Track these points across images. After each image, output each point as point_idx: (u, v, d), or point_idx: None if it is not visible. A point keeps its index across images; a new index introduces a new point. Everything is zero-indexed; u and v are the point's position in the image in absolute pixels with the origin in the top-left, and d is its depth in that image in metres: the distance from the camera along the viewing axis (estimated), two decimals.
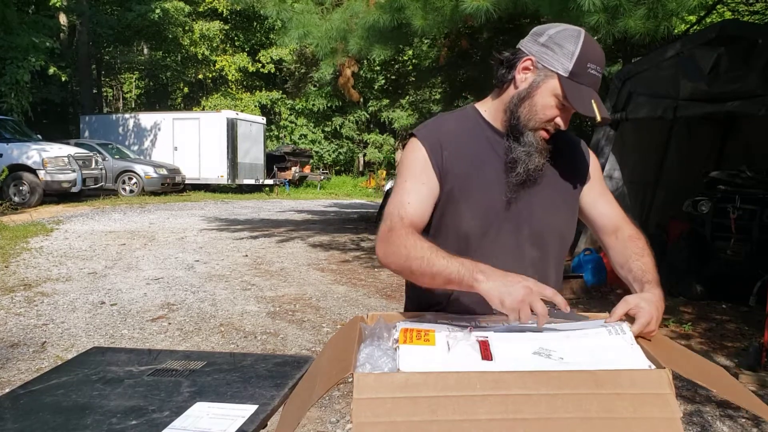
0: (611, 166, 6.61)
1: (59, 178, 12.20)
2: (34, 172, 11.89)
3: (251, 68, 26.06)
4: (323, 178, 24.77)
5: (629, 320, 1.19)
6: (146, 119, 19.01)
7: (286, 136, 27.76)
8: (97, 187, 14.05)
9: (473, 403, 0.92)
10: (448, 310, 1.41)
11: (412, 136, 1.42)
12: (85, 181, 13.11)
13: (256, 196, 18.66)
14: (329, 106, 26.04)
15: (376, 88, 22.88)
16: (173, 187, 16.82)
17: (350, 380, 0.95)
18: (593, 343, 1.10)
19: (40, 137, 13.42)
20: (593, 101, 1.29)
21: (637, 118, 6.35)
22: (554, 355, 1.05)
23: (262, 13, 6.34)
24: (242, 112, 21.58)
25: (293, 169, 22.54)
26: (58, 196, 12.87)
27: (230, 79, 26.57)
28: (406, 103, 16.66)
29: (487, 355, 1.05)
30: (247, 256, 7.60)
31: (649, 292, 1.26)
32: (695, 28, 9.45)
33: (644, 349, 1.10)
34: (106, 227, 9.67)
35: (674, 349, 1.18)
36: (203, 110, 23.91)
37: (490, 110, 1.44)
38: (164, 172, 16.36)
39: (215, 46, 25.48)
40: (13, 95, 14.27)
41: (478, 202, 1.37)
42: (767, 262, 5.14)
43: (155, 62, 26.02)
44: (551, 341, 1.09)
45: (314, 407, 3.02)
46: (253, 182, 19.60)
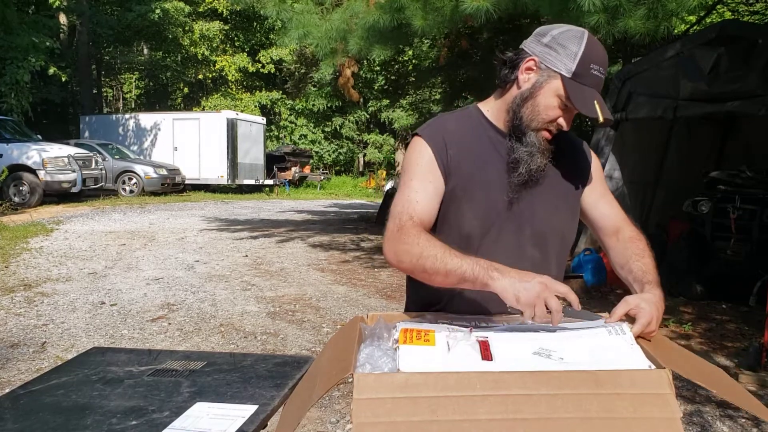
0: (611, 166, 6.61)
1: (59, 178, 12.20)
2: (34, 172, 11.90)
3: (251, 68, 26.06)
4: (323, 178, 24.76)
5: (629, 320, 1.19)
6: (146, 119, 19.01)
7: (286, 136, 27.76)
8: (97, 187, 14.05)
9: (473, 403, 0.92)
10: (449, 309, 1.41)
11: (415, 135, 1.42)
12: (85, 181, 13.11)
13: (256, 196, 18.66)
14: (329, 106, 26.04)
15: (376, 88, 22.87)
16: (173, 187, 16.82)
17: (350, 380, 0.95)
18: (593, 343, 1.10)
19: (40, 137, 13.42)
20: (596, 102, 1.29)
21: (637, 118, 6.35)
22: (554, 355, 1.05)
23: (262, 13, 6.33)
24: (242, 112, 21.57)
25: (293, 169, 22.54)
26: (58, 196, 12.87)
27: (230, 79, 26.56)
28: (406, 103, 16.66)
29: (487, 355, 1.05)
30: (247, 256, 7.60)
31: (649, 292, 1.26)
32: (695, 28, 9.45)
33: (644, 349, 1.10)
34: (106, 227, 9.67)
35: (674, 349, 1.18)
36: (203, 110, 23.90)
37: (492, 110, 1.44)
38: (164, 172, 16.36)
39: (215, 46, 25.48)
40: (13, 95, 14.27)
41: (480, 201, 1.37)
42: (767, 262, 5.15)
43: (155, 62, 26.03)
44: (551, 341, 1.09)
45: (314, 407, 3.02)
46: (253, 182, 19.60)
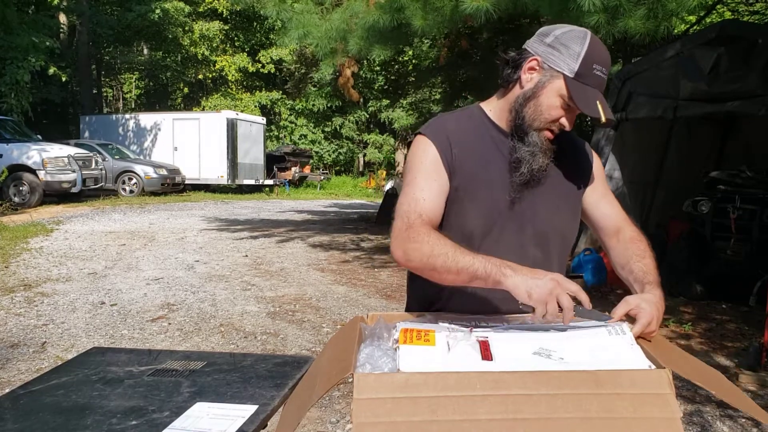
0: (611, 166, 6.61)
1: (59, 178, 12.20)
2: (34, 172, 11.90)
3: (251, 68, 26.06)
4: (323, 178, 24.76)
5: (630, 321, 1.19)
6: (146, 119, 19.01)
7: (286, 136, 27.75)
8: (97, 187, 14.05)
9: (473, 403, 0.92)
10: (450, 306, 1.41)
11: (418, 134, 1.41)
12: (85, 181, 13.11)
13: (256, 196, 18.65)
14: (329, 106, 26.03)
15: (376, 88, 22.87)
16: (173, 187, 16.82)
17: (350, 380, 0.95)
18: (593, 343, 1.10)
19: (40, 137, 13.42)
20: (598, 102, 1.29)
21: (637, 118, 6.35)
22: (554, 355, 1.05)
23: (262, 13, 6.34)
24: (242, 112, 21.57)
25: (293, 169, 22.53)
26: (58, 196, 12.87)
27: (230, 79, 26.56)
28: (406, 103, 16.67)
29: (487, 355, 1.05)
30: (247, 256, 7.60)
31: (649, 293, 1.26)
32: (695, 28, 9.45)
33: (644, 349, 1.10)
34: (106, 227, 9.67)
35: (673, 350, 1.18)
36: (203, 110, 23.89)
37: (495, 110, 1.44)
38: (164, 172, 16.36)
39: (215, 46, 25.47)
40: (13, 95, 14.26)
41: (482, 201, 1.37)
42: (767, 262, 5.15)
43: (155, 62, 26.03)
44: (551, 341, 1.09)
45: (314, 407, 3.02)
46: (253, 182, 19.59)
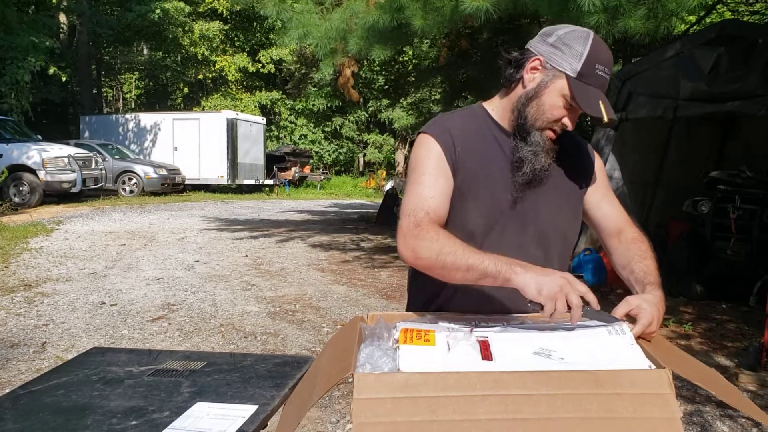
0: (611, 166, 6.61)
1: (59, 178, 12.20)
2: (34, 172, 11.90)
3: (251, 68, 26.05)
4: (323, 178, 24.75)
5: (630, 321, 1.19)
6: (146, 119, 19.01)
7: (286, 136, 27.75)
8: (97, 187, 14.05)
9: (473, 403, 0.92)
10: (451, 307, 1.41)
11: (422, 133, 1.41)
12: (85, 181, 13.11)
13: (256, 196, 18.65)
14: (329, 106, 26.03)
15: (376, 88, 22.87)
16: (173, 187, 16.82)
17: (350, 380, 0.95)
18: (593, 343, 1.10)
19: (40, 137, 13.42)
20: (600, 102, 1.29)
21: (637, 118, 6.35)
22: (554, 355, 1.05)
23: (262, 13, 6.34)
24: (242, 112, 21.57)
25: (293, 169, 22.53)
26: (58, 196, 12.87)
27: (230, 79, 26.56)
28: (406, 103, 16.67)
29: (487, 355, 1.05)
30: (247, 256, 7.60)
31: (650, 293, 1.26)
32: (695, 28, 9.45)
33: (644, 349, 1.10)
34: (106, 227, 9.67)
35: (673, 351, 1.18)
36: (203, 110, 23.89)
37: (497, 109, 1.44)
38: (164, 172, 16.36)
39: (215, 46, 25.47)
40: (13, 95, 14.26)
41: (484, 200, 1.37)
42: (767, 262, 5.15)
43: (155, 62, 26.03)
44: (551, 341, 1.09)
45: (314, 407, 3.02)
46: (253, 182, 19.59)
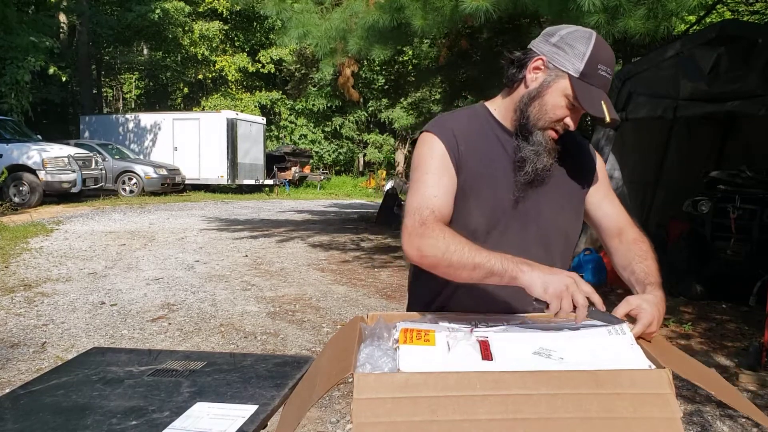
0: (611, 166, 6.61)
1: (59, 178, 12.20)
2: (34, 172, 11.90)
3: (251, 68, 26.06)
4: (323, 178, 24.75)
5: (630, 321, 1.19)
6: (146, 119, 19.01)
7: (286, 136, 27.75)
8: (97, 187, 14.05)
9: (473, 403, 0.92)
10: (452, 307, 1.41)
11: (424, 132, 1.41)
12: (85, 181, 13.11)
13: (256, 196, 18.65)
14: (329, 106, 26.04)
15: (376, 88, 22.88)
16: (173, 187, 16.82)
17: (350, 380, 0.95)
18: (593, 343, 1.10)
19: (40, 137, 13.41)
20: (603, 102, 1.29)
21: (637, 118, 6.35)
22: (554, 355, 1.05)
23: (262, 12, 6.35)
24: (242, 112, 21.57)
25: (293, 169, 22.53)
26: (58, 196, 12.87)
27: (230, 79, 26.56)
28: (406, 103, 16.68)
29: (487, 355, 1.05)
30: (247, 256, 7.60)
31: (651, 293, 1.26)
32: (695, 28, 9.45)
33: (644, 349, 1.10)
34: (106, 227, 9.67)
35: (673, 351, 1.18)
36: (203, 110, 23.90)
37: (500, 109, 1.44)
38: (164, 172, 16.36)
39: (215, 46, 25.47)
40: (13, 95, 14.25)
41: (486, 199, 1.37)
42: (767, 262, 5.15)
43: (155, 62, 26.02)
44: (551, 341, 1.09)
45: (314, 407, 3.02)
46: (253, 182, 19.59)
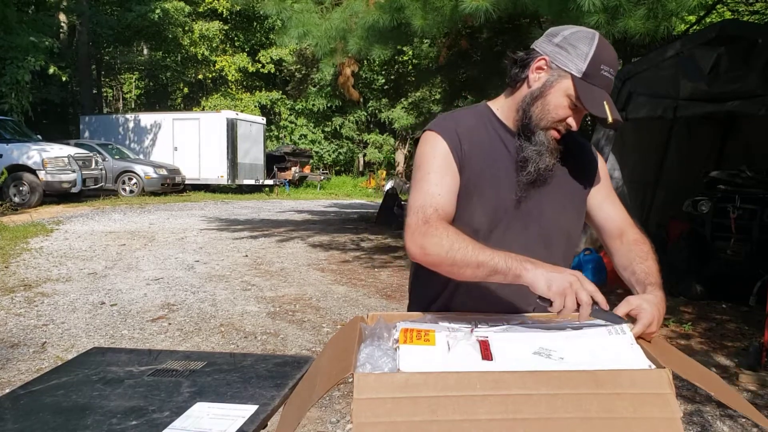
0: (611, 166, 6.61)
1: (59, 178, 12.20)
2: (34, 172, 11.89)
3: (251, 68, 26.06)
4: (323, 178, 24.75)
5: (630, 321, 1.19)
6: (146, 119, 19.01)
7: (286, 136, 27.75)
8: (97, 187, 14.05)
9: (473, 403, 0.92)
10: (453, 307, 1.42)
11: (427, 130, 1.41)
12: (85, 181, 13.11)
13: (256, 196, 18.65)
14: (329, 106, 26.04)
15: (376, 88, 22.88)
16: (173, 187, 16.81)
17: (350, 380, 0.95)
18: (593, 343, 1.10)
19: (40, 137, 13.41)
20: (605, 103, 1.29)
21: (637, 118, 6.35)
22: (554, 355, 1.05)
23: (262, 12, 6.35)
24: (242, 112, 21.57)
25: (293, 169, 22.53)
26: (58, 196, 12.87)
27: (230, 79, 26.56)
28: (406, 103, 16.69)
29: (487, 355, 1.05)
30: (247, 256, 7.60)
31: (651, 294, 1.27)
32: (695, 28, 9.46)
33: (644, 349, 1.10)
34: (106, 227, 9.67)
35: (672, 352, 1.18)
36: (203, 110, 23.89)
37: (502, 109, 1.44)
38: (164, 172, 16.35)
39: (215, 46, 25.47)
40: (13, 95, 14.24)
41: (489, 199, 1.37)
42: (767, 262, 5.15)
43: (155, 62, 26.02)
44: (551, 341, 1.09)
45: (314, 407, 3.02)
46: (253, 182, 19.59)
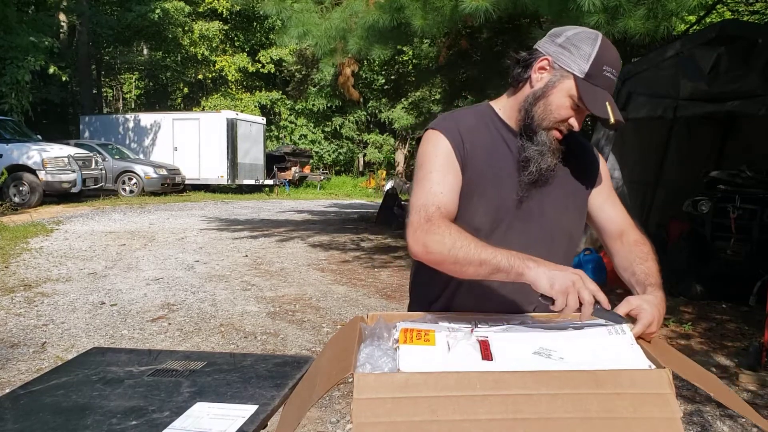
0: (611, 166, 6.61)
1: (59, 178, 12.20)
2: (34, 172, 11.89)
3: (251, 68, 26.06)
4: (323, 178, 24.75)
5: (630, 321, 1.19)
6: (146, 119, 19.00)
7: (286, 136, 27.75)
8: (97, 187, 14.04)
9: (473, 403, 0.92)
10: (453, 306, 1.42)
11: (429, 129, 1.41)
12: (85, 181, 13.11)
13: (256, 196, 18.65)
14: (329, 106, 26.04)
15: (376, 88, 22.87)
16: (173, 187, 16.81)
17: (350, 380, 0.95)
18: (593, 342, 1.10)
19: (40, 137, 13.41)
20: (607, 104, 1.29)
21: (637, 118, 6.35)
22: (554, 355, 1.05)
23: (261, 12, 6.35)
24: (242, 112, 21.57)
25: (293, 169, 22.53)
26: (58, 196, 12.87)
27: (230, 79, 26.56)
28: (406, 103, 16.69)
29: (487, 355, 1.05)
30: (247, 256, 7.60)
31: (651, 294, 1.27)
32: (695, 28, 9.46)
33: (644, 349, 1.10)
34: (106, 227, 9.67)
35: (672, 353, 1.18)
36: (203, 110, 23.90)
37: (504, 108, 1.44)
38: (164, 172, 16.35)
39: (215, 46, 25.47)
40: (13, 95, 14.24)
41: (491, 198, 1.37)
42: (767, 262, 5.15)
43: (155, 62, 26.02)
44: (551, 341, 1.09)
45: (314, 407, 3.02)
46: (253, 182, 19.59)
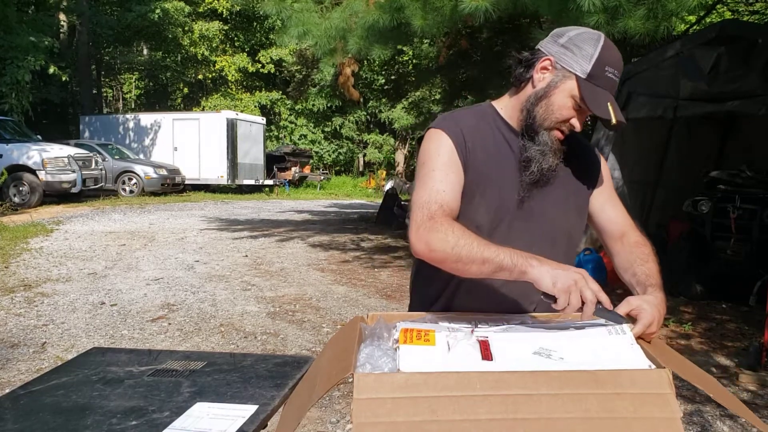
0: (611, 165, 6.61)
1: (59, 178, 12.20)
2: (34, 172, 11.90)
3: (251, 68, 26.06)
4: (323, 178, 24.75)
5: (631, 321, 1.19)
6: (146, 120, 19.01)
7: (286, 136, 27.75)
8: (97, 187, 14.05)
9: (473, 403, 0.92)
10: (454, 306, 1.42)
11: (432, 128, 1.41)
12: (85, 181, 13.11)
13: (256, 196, 18.65)
14: (329, 106, 26.04)
15: (376, 88, 22.87)
16: (173, 187, 16.81)
17: (350, 380, 0.95)
18: (593, 342, 1.10)
19: (40, 138, 13.41)
20: (609, 104, 1.29)
21: (637, 118, 6.35)
22: (554, 355, 1.05)
23: (261, 12, 6.34)
24: (242, 112, 21.57)
25: (293, 169, 22.53)
26: (58, 196, 12.87)
27: (230, 79, 26.56)
28: (406, 103, 16.69)
29: (487, 355, 1.05)
30: (247, 256, 7.60)
31: (651, 294, 1.27)
32: (695, 28, 9.46)
33: (644, 349, 1.10)
34: (106, 228, 9.67)
35: (671, 353, 1.18)
36: (203, 110, 23.90)
37: (506, 108, 1.45)
38: (164, 172, 16.35)
39: (215, 46, 25.48)
40: (13, 95, 14.24)
41: (492, 198, 1.38)
42: (767, 262, 5.15)
43: (155, 62, 26.02)
44: (551, 341, 1.09)
45: (314, 407, 3.02)
46: (253, 182, 19.59)
